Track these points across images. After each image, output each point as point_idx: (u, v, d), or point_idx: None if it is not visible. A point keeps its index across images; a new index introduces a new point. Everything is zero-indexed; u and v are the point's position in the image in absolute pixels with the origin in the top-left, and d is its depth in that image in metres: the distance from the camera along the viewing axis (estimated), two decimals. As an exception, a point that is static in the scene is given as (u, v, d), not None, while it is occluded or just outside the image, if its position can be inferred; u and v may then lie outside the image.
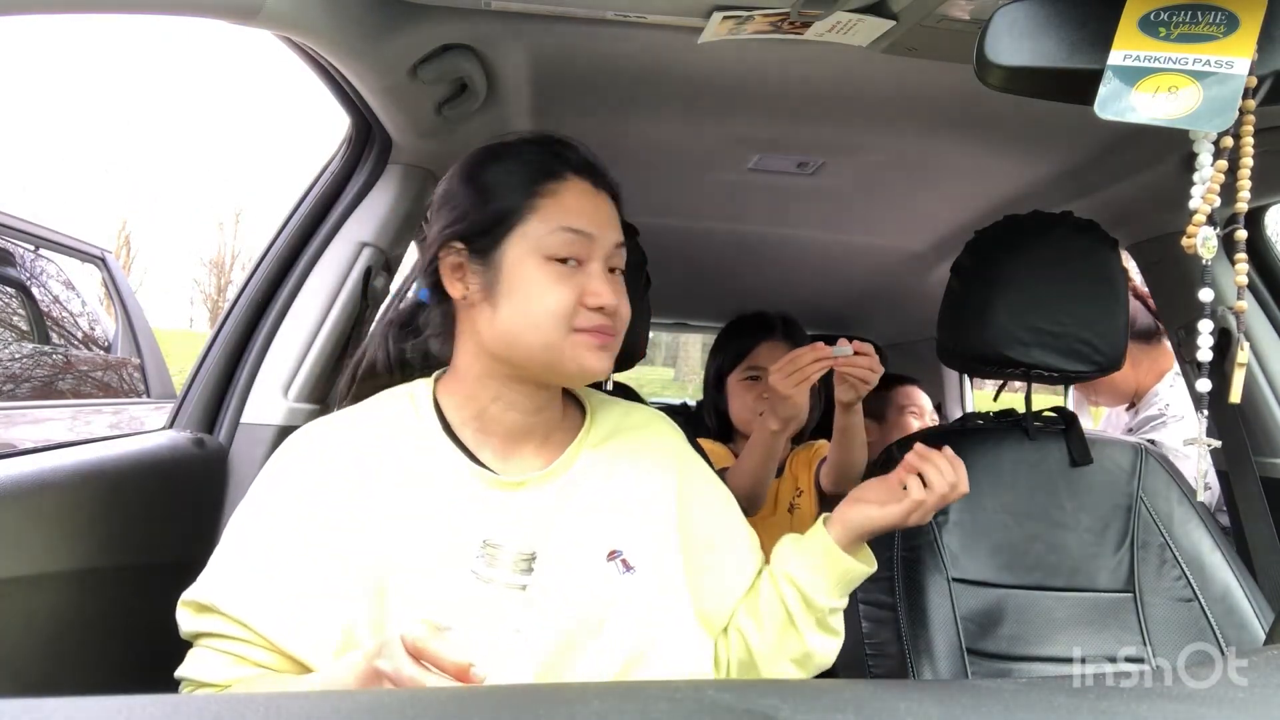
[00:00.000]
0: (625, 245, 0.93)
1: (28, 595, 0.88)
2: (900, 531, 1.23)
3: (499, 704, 0.39)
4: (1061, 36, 0.70)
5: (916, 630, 1.15)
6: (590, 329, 0.86)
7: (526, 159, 0.90)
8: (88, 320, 2.91)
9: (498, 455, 0.90)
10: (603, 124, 1.41)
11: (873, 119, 1.35)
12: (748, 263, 2.38)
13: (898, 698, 0.39)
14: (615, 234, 0.91)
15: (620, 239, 0.92)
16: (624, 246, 0.93)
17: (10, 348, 2.45)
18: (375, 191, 1.35)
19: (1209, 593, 1.21)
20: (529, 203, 0.87)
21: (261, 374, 1.24)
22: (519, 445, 0.91)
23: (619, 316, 0.90)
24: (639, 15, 1.02)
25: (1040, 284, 1.21)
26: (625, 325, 0.91)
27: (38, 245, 2.72)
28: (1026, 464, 1.27)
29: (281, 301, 1.27)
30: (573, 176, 0.90)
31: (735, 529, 1.01)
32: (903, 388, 2.19)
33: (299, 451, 0.86)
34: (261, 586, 0.79)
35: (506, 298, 0.86)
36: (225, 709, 0.36)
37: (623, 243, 0.92)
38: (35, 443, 1.04)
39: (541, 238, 0.86)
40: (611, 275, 0.90)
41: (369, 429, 0.88)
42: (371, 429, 0.88)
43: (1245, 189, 0.67)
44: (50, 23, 4.47)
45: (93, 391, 2.72)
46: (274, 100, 32.20)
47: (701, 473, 1.02)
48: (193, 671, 0.80)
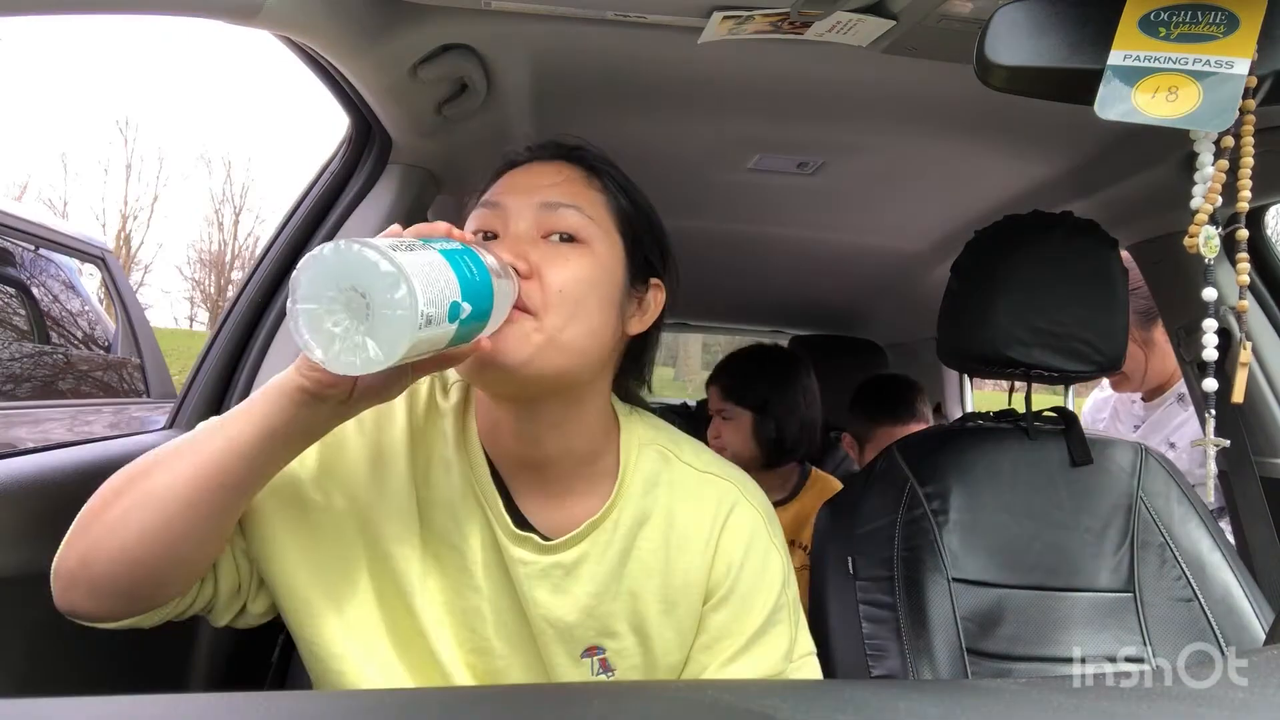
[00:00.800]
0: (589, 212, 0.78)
1: (28, 595, 0.88)
2: (900, 531, 1.23)
3: (499, 704, 0.39)
4: (1061, 36, 0.70)
5: (916, 630, 1.15)
6: None
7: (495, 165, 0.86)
8: (88, 320, 2.91)
9: (522, 485, 0.81)
10: (603, 124, 1.41)
11: (873, 119, 1.35)
12: (748, 263, 2.38)
13: (898, 698, 0.39)
14: (545, 194, 0.77)
15: (561, 200, 0.77)
16: (574, 209, 0.77)
17: (10, 348, 2.45)
18: (375, 191, 1.35)
19: (1209, 593, 1.21)
20: (474, 205, 0.82)
21: (261, 374, 1.24)
22: (533, 483, 0.81)
23: (539, 285, 0.73)
24: (639, 15, 1.02)
25: (1040, 284, 1.21)
26: (559, 297, 0.73)
27: (38, 245, 2.72)
28: (1026, 464, 1.27)
29: (282, 301, 1.27)
30: (522, 164, 0.83)
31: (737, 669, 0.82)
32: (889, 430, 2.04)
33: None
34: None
35: None
36: (225, 709, 0.36)
37: (568, 205, 0.77)
38: (35, 443, 1.04)
39: (465, 225, 0.81)
40: (547, 242, 0.76)
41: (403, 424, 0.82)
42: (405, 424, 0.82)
43: (1246, 189, 0.67)
44: (50, 23, 4.47)
45: (93, 391, 2.72)
46: (274, 100, 32.21)
47: (742, 590, 0.82)
48: None
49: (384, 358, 0.57)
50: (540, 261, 0.74)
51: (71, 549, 0.69)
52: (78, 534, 0.70)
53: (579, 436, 0.81)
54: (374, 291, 0.57)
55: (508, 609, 0.80)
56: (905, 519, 1.22)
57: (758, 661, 0.82)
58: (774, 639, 0.83)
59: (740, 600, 0.82)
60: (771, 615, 0.83)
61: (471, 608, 0.80)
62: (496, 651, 0.80)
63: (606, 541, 0.80)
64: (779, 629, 0.84)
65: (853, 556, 1.23)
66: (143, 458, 0.71)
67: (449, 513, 0.80)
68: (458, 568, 0.80)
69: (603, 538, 0.80)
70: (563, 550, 0.79)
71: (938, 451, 1.28)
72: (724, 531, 0.83)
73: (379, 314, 0.57)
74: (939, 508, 1.22)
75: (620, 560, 0.81)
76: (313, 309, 0.58)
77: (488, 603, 0.80)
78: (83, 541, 0.69)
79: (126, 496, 0.68)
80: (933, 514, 1.22)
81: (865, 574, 1.21)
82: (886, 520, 1.23)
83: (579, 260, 0.75)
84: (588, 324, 0.75)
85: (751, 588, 0.83)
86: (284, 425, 0.67)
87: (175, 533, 0.68)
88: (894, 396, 2.10)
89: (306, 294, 0.58)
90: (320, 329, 0.58)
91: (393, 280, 0.56)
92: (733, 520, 0.84)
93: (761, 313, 3.27)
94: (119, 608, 0.70)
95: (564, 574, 0.79)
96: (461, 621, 0.80)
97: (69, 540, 0.70)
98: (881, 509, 1.24)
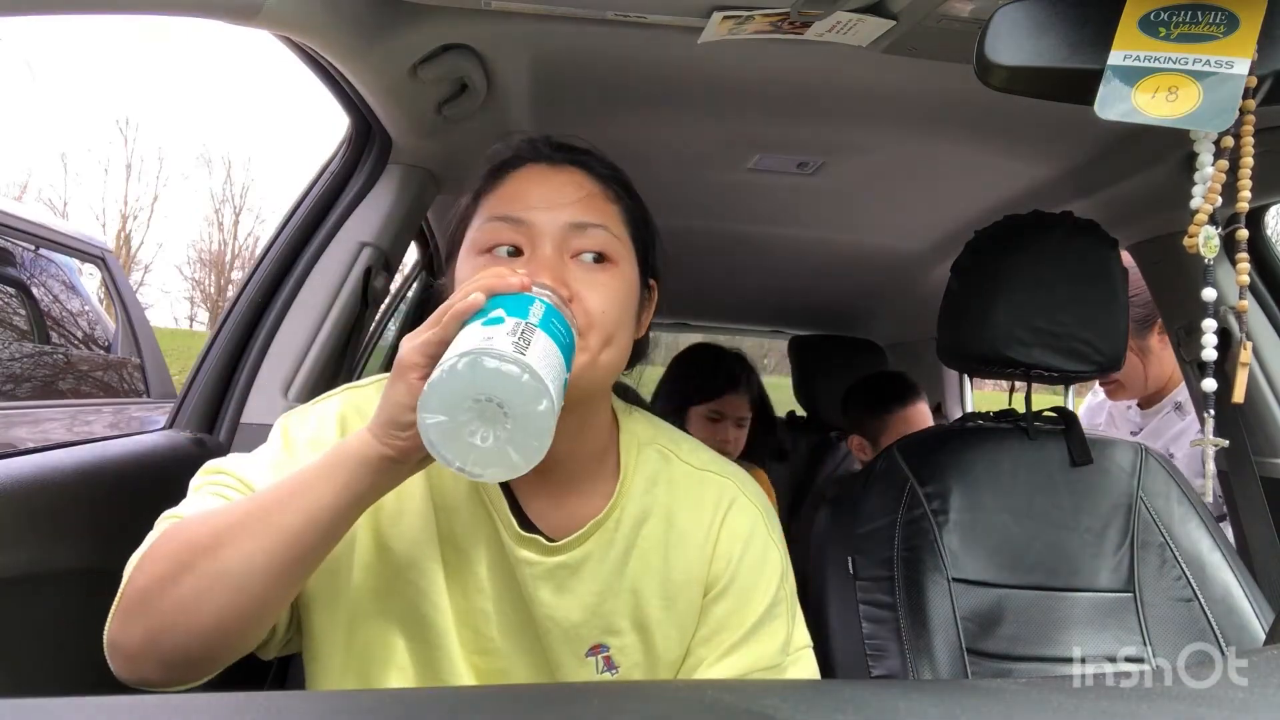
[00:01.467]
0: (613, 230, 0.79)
1: (28, 595, 0.88)
2: (900, 531, 1.23)
3: (499, 704, 0.39)
4: (1061, 36, 0.70)
5: (916, 630, 1.15)
6: None
7: (486, 161, 0.83)
8: (88, 320, 2.91)
9: (527, 488, 0.82)
10: (602, 124, 1.41)
11: (873, 119, 1.35)
12: (748, 263, 2.38)
13: (898, 698, 0.39)
14: (572, 212, 0.76)
15: (588, 220, 0.77)
16: (601, 229, 0.77)
17: (10, 347, 2.45)
18: (375, 191, 1.35)
19: (1209, 593, 1.21)
20: (474, 205, 0.81)
21: (261, 374, 1.24)
22: (537, 484, 0.81)
23: (580, 309, 0.74)
24: (639, 15, 1.02)
25: (1040, 284, 1.21)
26: (597, 320, 0.74)
27: (38, 245, 2.72)
28: (1026, 464, 1.27)
29: (281, 301, 1.27)
30: (526, 164, 0.81)
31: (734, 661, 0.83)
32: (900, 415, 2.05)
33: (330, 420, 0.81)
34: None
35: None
36: (225, 709, 0.36)
37: (596, 224, 0.77)
38: (35, 443, 1.04)
39: (476, 233, 0.78)
40: (577, 262, 0.76)
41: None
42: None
43: (1246, 189, 0.67)
44: (50, 22, 4.46)
45: (93, 391, 2.72)
46: (274, 100, 32.22)
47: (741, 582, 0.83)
48: (179, 509, 0.76)
49: (526, 464, 0.58)
50: (578, 286, 0.74)
51: (134, 625, 0.67)
52: (138, 609, 0.67)
53: (589, 438, 0.82)
54: (515, 404, 0.57)
55: (512, 610, 0.80)
56: (905, 519, 1.22)
57: (755, 654, 0.83)
58: (772, 632, 0.84)
59: (739, 593, 0.83)
60: (770, 609, 0.84)
61: (477, 609, 0.80)
62: (501, 652, 0.80)
63: (609, 541, 0.81)
64: (776, 623, 0.84)
65: (853, 556, 1.23)
66: (198, 525, 0.69)
67: (456, 516, 0.81)
68: (463, 570, 0.80)
69: (605, 537, 0.81)
70: (567, 550, 0.80)
71: (938, 451, 1.28)
72: (723, 527, 0.84)
73: (521, 424, 0.57)
74: (939, 508, 1.22)
75: (623, 559, 0.81)
76: (444, 421, 0.58)
77: (492, 604, 0.80)
78: (148, 619, 0.67)
79: (195, 574, 0.66)
80: (933, 514, 1.22)
81: (865, 574, 1.21)
82: (886, 520, 1.23)
83: (611, 282, 0.77)
84: (621, 341, 0.77)
85: (750, 582, 0.84)
86: (367, 491, 0.67)
87: (254, 606, 0.67)
88: (891, 384, 2.11)
89: (438, 407, 0.58)
90: (456, 440, 0.58)
91: (534, 393, 0.56)
92: (731, 516, 0.85)
93: (761, 313, 3.27)
94: (191, 674, 0.69)
95: (569, 574, 0.80)
96: (465, 622, 0.80)
97: (126, 614, 0.67)
98: (881, 509, 1.24)
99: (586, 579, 0.80)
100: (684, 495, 0.85)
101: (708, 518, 0.84)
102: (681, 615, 0.83)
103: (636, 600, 0.81)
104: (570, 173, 0.80)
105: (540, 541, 0.79)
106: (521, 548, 0.79)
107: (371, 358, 2.02)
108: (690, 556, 0.83)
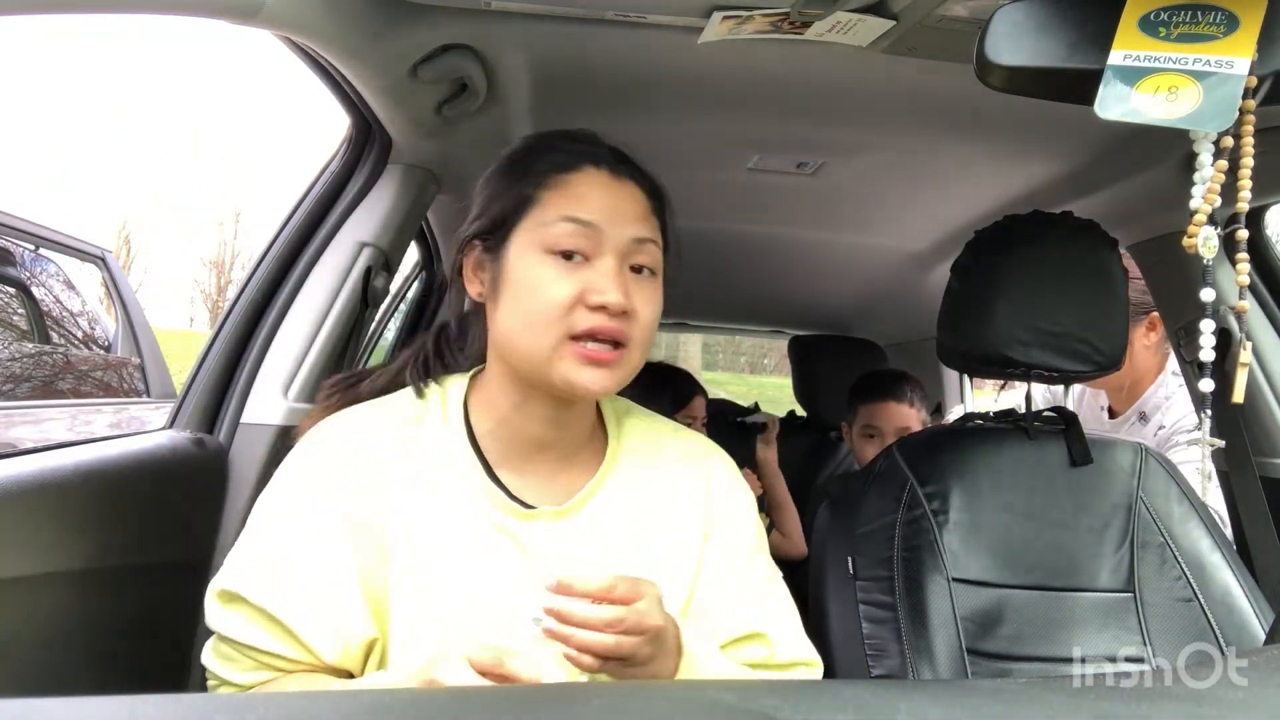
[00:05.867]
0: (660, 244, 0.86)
1: (28, 595, 0.88)
2: (900, 531, 1.23)
3: (500, 704, 0.39)
4: (1061, 36, 0.70)
5: (916, 630, 1.15)
6: (585, 333, 0.79)
7: (541, 151, 0.87)
8: (88, 320, 2.91)
9: (515, 471, 0.86)
10: (602, 124, 1.40)
11: (872, 119, 1.35)
12: (748, 263, 2.38)
13: (898, 698, 0.39)
14: (635, 228, 0.83)
15: (646, 235, 0.84)
16: (654, 244, 0.85)
17: (10, 347, 2.45)
18: (375, 191, 1.35)
19: (1209, 593, 1.21)
20: (536, 194, 0.83)
21: (261, 374, 1.24)
22: (537, 462, 0.87)
23: (632, 321, 0.81)
24: (639, 15, 1.02)
25: (1040, 284, 1.21)
26: (645, 332, 0.82)
27: (38, 245, 2.72)
28: (1026, 464, 1.27)
29: (281, 301, 1.27)
30: (589, 167, 0.85)
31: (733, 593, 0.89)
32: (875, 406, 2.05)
33: (324, 447, 0.84)
34: (286, 579, 0.78)
35: (506, 293, 0.82)
36: (225, 709, 0.36)
37: (651, 239, 0.84)
38: (35, 443, 1.04)
39: (543, 229, 0.81)
40: (631, 274, 0.83)
41: (393, 430, 0.85)
42: (395, 430, 0.85)
43: (1246, 189, 0.67)
44: (50, 22, 4.46)
45: (93, 391, 2.72)
46: (274, 100, 32.26)
47: (735, 523, 0.92)
48: (219, 669, 0.80)
49: None
50: (635, 300, 0.81)
51: None
52: None
53: (590, 415, 0.91)
54: None
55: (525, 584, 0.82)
56: (905, 519, 1.22)
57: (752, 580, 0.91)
58: (764, 562, 0.94)
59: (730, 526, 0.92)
60: (757, 540, 0.94)
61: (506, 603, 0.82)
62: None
63: (606, 501, 0.87)
64: (764, 555, 0.94)
65: (853, 556, 1.23)
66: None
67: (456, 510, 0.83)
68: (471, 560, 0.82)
69: (603, 497, 0.87)
70: (570, 515, 0.85)
71: (938, 451, 1.28)
72: (708, 477, 0.93)
73: None
74: (939, 508, 1.22)
75: (622, 517, 0.87)
76: None
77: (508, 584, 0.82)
78: None
79: None
80: (933, 514, 1.22)
81: (865, 574, 1.21)
82: (886, 520, 1.23)
83: (656, 294, 0.85)
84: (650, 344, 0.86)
85: (738, 517, 0.93)
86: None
87: None
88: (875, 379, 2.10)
89: None
90: None
91: None
92: (711, 467, 0.94)
93: (761, 313, 3.27)
94: None
95: (577, 538, 0.84)
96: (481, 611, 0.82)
97: None
98: (881, 509, 1.24)
99: (593, 540, 0.85)
100: (668, 454, 0.93)
101: (691, 471, 0.92)
102: (680, 564, 0.87)
103: (638, 553, 0.86)
104: (630, 186, 0.86)
105: (544, 511, 0.84)
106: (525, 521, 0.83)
107: (371, 358, 2.02)
108: (682, 507, 0.89)
